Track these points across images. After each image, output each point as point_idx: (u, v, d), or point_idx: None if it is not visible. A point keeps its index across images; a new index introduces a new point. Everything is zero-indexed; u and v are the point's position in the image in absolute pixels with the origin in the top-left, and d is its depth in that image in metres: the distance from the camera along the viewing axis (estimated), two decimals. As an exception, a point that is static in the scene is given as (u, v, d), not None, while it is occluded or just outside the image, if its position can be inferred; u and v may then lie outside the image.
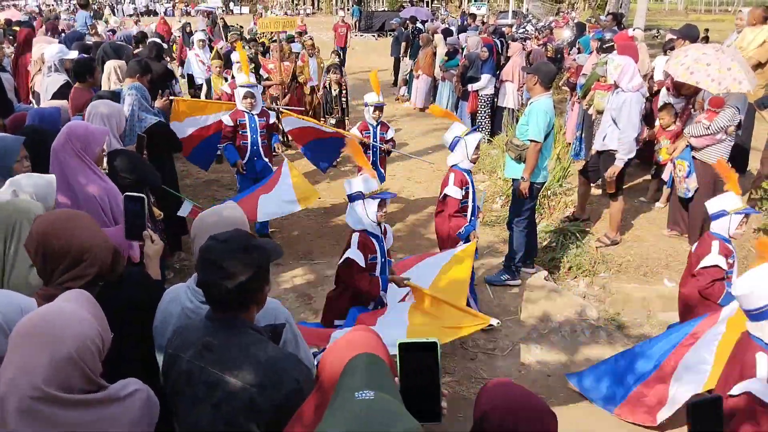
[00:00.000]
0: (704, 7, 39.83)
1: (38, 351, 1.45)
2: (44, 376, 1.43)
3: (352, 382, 1.31)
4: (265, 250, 1.85)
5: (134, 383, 1.66)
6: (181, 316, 2.08)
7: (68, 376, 1.47)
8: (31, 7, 28.74)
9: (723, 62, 5.34)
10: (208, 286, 1.77)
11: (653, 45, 14.44)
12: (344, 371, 1.38)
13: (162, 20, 15.43)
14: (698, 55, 5.52)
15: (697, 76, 5.42)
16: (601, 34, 8.59)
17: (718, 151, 5.53)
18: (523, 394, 1.58)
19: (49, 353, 1.45)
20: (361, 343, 1.52)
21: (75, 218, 2.10)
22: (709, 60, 5.40)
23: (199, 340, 1.80)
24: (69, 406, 1.47)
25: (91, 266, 2.02)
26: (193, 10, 22.24)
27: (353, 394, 1.25)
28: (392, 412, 1.21)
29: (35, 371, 1.43)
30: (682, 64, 5.58)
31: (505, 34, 12.70)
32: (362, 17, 29.04)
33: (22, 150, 3.08)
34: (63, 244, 1.97)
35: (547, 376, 4.34)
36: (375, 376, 1.33)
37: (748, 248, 5.71)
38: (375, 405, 1.22)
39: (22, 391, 1.42)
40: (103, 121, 3.72)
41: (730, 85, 5.28)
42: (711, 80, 5.32)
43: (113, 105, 3.96)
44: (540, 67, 5.23)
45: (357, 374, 1.33)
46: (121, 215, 3.02)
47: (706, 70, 5.36)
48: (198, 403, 1.77)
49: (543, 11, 31.00)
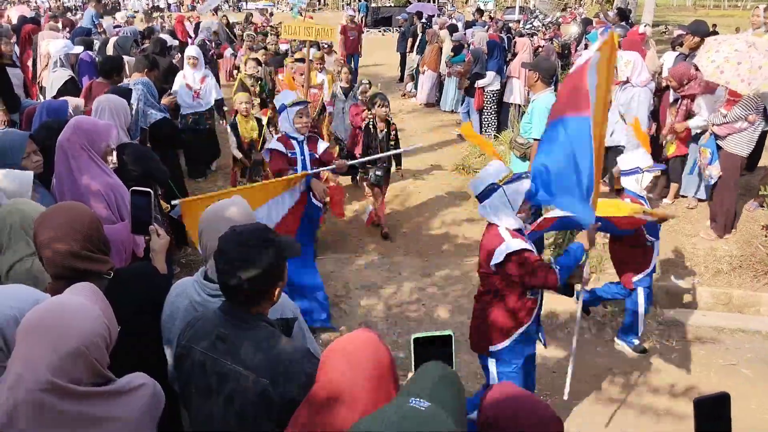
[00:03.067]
0: (713, 3, 39.48)
1: (45, 344, 1.45)
2: (52, 369, 1.44)
3: (415, 388, 1.31)
4: (282, 245, 1.85)
5: (141, 377, 1.66)
6: (189, 309, 2.09)
7: (76, 369, 1.48)
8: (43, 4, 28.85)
9: (754, 60, 5.24)
10: (224, 277, 1.77)
11: (661, 41, 14.34)
12: (416, 375, 1.39)
13: (179, 20, 14.55)
14: (730, 52, 5.42)
15: (727, 76, 5.35)
16: (608, 29, 8.54)
17: (741, 140, 5.54)
18: (527, 400, 1.56)
19: (56, 346, 1.45)
20: (361, 348, 1.51)
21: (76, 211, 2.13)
22: (740, 58, 5.31)
23: (213, 331, 1.81)
24: (76, 398, 1.48)
25: None
26: (201, 6, 19.90)
27: (409, 398, 1.24)
28: (434, 424, 1.18)
29: (42, 364, 1.44)
30: (713, 62, 5.48)
31: (512, 30, 12.63)
32: (369, 13, 28.95)
33: (30, 145, 3.09)
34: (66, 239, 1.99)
35: (552, 372, 4.33)
36: (440, 389, 1.32)
37: (756, 245, 5.68)
38: (421, 414, 1.19)
39: (29, 384, 1.43)
40: (111, 115, 3.74)
41: (760, 86, 5.22)
42: (741, 80, 5.25)
43: (120, 99, 3.99)
44: (540, 63, 5.21)
45: (425, 382, 1.33)
46: (127, 211, 3.04)
47: (736, 69, 5.28)
48: (211, 395, 1.78)
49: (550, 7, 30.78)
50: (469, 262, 5.72)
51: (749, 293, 5.25)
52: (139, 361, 1.81)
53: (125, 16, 14.97)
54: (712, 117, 5.65)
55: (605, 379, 4.33)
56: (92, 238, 2.12)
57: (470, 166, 8.37)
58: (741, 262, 5.53)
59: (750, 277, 5.31)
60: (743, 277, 5.30)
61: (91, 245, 2.11)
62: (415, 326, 4.77)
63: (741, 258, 5.57)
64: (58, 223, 2.06)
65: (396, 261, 5.96)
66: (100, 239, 2.17)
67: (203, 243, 2.19)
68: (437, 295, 5.24)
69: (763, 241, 5.72)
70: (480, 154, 8.64)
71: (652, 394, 4.18)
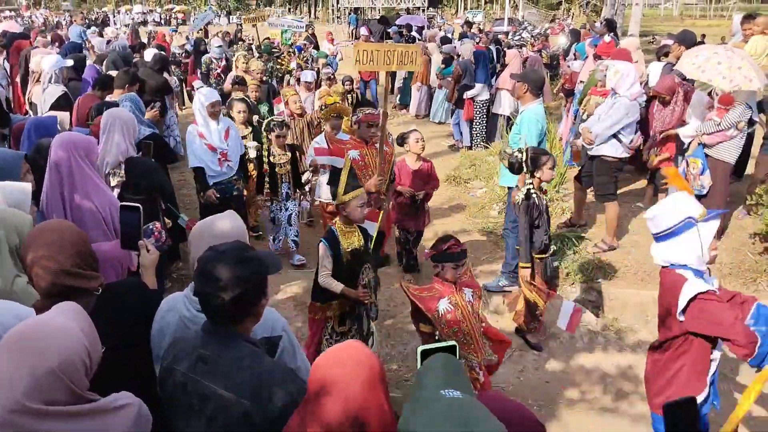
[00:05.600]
0: (699, 13, 40.02)
1: (20, 364, 1.43)
2: (24, 389, 1.42)
3: (434, 381, 1.36)
4: (262, 262, 1.83)
5: (126, 397, 1.64)
6: (179, 324, 2.08)
7: (50, 390, 1.45)
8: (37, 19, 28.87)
9: (733, 61, 5.43)
10: (205, 297, 1.77)
11: (648, 50, 14.51)
12: (423, 368, 1.44)
13: (161, 35, 14.55)
14: (709, 55, 5.62)
15: (708, 74, 5.51)
16: (597, 40, 8.65)
17: (729, 147, 5.60)
18: (514, 408, 1.59)
19: (31, 366, 1.43)
20: (354, 354, 1.53)
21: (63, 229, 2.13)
22: (720, 59, 5.50)
23: (194, 352, 1.80)
24: (51, 417, 1.45)
25: None
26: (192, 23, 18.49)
27: (439, 391, 1.29)
28: (484, 410, 1.28)
29: (15, 384, 1.42)
30: (693, 64, 5.67)
31: (501, 42, 12.76)
32: (358, 26, 29.16)
33: (25, 165, 3.09)
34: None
35: (546, 382, 4.33)
36: (453, 376, 1.39)
37: (745, 252, 5.73)
38: (466, 403, 1.28)
39: (2, 402, 1.41)
40: (121, 129, 3.76)
41: (740, 83, 5.35)
42: (722, 78, 5.41)
43: (128, 114, 4.01)
44: (529, 75, 5.26)
45: (436, 373, 1.39)
46: None
47: (717, 68, 5.45)
48: (193, 416, 1.76)
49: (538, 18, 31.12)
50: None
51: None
52: (132, 376, 1.81)
53: (115, 32, 15.01)
54: (703, 126, 5.72)
55: (599, 388, 4.34)
56: (81, 254, 2.13)
57: (461, 177, 8.41)
58: (731, 269, 5.57)
59: (740, 285, 5.34)
60: (733, 285, 5.32)
61: (80, 261, 2.11)
62: (409, 338, 4.76)
63: (731, 266, 5.61)
64: (47, 242, 2.06)
65: (389, 272, 5.95)
66: (89, 255, 2.17)
67: (192, 257, 2.17)
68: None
69: (752, 249, 5.77)
70: (471, 164, 8.68)
71: (645, 402, 4.18)
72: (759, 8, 32.66)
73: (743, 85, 5.36)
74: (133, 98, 4.85)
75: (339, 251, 3.63)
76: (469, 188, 8.04)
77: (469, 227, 6.88)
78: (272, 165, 5.75)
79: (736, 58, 5.47)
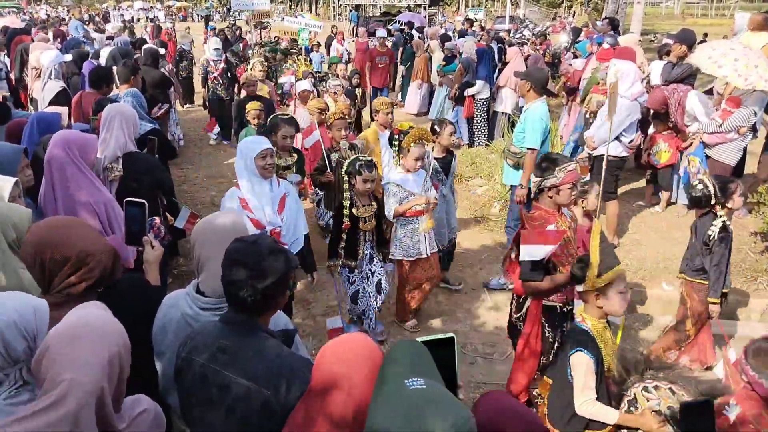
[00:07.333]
0: (701, 12, 39.97)
1: (97, 347, 1.46)
2: (102, 374, 1.45)
3: (398, 371, 1.34)
4: (290, 256, 1.86)
5: (144, 401, 1.67)
6: (180, 322, 2.08)
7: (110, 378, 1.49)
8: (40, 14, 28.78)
9: (750, 59, 5.37)
10: (235, 286, 1.76)
11: (650, 49, 14.49)
12: (387, 361, 1.42)
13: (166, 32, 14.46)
14: (726, 50, 5.54)
15: (724, 70, 5.44)
16: (600, 39, 8.63)
17: (729, 149, 5.58)
18: (516, 408, 1.59)
19: (109, 348, 1.48)
20: (356, 346, 1.53)
21: (71, 225, 2.11)
22: (737, 55, 5.43)
23: (214, 343, 1.80)
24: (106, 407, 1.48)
25: (94, 269, 2.02)
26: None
27: (403, 382, 1.27)
28: (448, 398, 1.25)
29: (98, 366, 1.44)
30: (709, 57, 5.58)
31: (503, 40, 12.75)
32: (359, 23, 29.14)
33: (24, 160, 3.09)
34: (63, 252, 1.96)
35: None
36: (419, 363, 1.37)
37: (746, 251, 5.73)
38: (429, 393, 1.25)
39: (88, 387, 1.42)
40: (121, 124, 3.75)
41: (755, 82, 5.30)
42: (738, 75, 5.35)
43: (130, 109, 3.99)
44: (532, 73, 5.25)
45: (402, 363, 1.37)
46: (117, 224, 3.04)
47: (733, 64, 5.38)
48: (211, 407, 1.77)
49: (540, 16, 31.11)
50: (460, 272, 5.72)
51: (739, 299, 5.28)
52: (133, 375, 1.80)
53: (115, 27, 15.00)
54: (705, 125, 5.70)
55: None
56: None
57: (462, 175, 8.41)
58: (731, 268, 5.56)
59: (740, 283, 5.34)
60: (733, 283, 5.32)
61: None
62: (409, 335, 4.77)
63: (731, 264, 5.60)
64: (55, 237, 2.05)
65: (389, 270, 5.95)
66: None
67: (195, 254, 2.17)
68: (430, 305, 5.23)
69: (752, 248, 5.78)
70: (472, 162, 8.67)
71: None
72: (761, 7, 32.63)
73: (758, 84, 5.32)
74: (135, 93, 4.84)
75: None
76: (470, 186, 8.04)
77: (467, 225, 6.87)
78: (354, 219, 4.23)
79: (753, 57, 5.41)
